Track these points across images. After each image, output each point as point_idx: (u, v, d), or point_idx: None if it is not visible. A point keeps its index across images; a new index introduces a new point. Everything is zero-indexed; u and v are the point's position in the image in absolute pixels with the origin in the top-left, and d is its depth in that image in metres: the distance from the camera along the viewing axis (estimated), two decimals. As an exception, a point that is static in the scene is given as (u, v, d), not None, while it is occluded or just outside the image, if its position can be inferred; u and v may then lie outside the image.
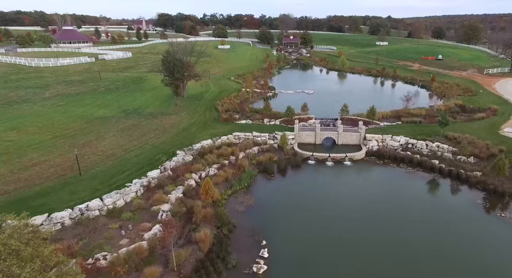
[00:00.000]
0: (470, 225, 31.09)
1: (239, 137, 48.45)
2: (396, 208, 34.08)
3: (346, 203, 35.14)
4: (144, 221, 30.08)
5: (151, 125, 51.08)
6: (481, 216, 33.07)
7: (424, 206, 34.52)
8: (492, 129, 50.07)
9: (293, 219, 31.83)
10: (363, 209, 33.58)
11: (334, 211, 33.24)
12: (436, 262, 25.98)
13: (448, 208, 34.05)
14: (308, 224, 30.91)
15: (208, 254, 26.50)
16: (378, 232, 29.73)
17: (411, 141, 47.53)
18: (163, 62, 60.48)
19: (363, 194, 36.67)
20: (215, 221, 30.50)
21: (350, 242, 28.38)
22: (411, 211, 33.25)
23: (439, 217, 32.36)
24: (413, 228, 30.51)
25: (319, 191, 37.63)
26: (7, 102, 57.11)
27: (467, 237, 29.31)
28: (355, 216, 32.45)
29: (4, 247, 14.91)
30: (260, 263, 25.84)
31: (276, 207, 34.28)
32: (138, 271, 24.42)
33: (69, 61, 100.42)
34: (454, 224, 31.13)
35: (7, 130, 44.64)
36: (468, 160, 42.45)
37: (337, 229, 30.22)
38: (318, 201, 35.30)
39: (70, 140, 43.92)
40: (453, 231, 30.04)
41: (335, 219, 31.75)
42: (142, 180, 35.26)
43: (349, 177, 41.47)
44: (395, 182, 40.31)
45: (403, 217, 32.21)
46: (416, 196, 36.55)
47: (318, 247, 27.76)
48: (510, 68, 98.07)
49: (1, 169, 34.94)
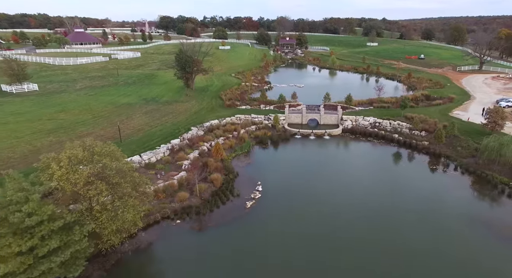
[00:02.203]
0: (419, 178, 41.92)
1: (240, 118, 60.00)
2: (362, 166, 45.74)
3: (323, 162, 46.70)
4: (172, 171, 41.54)
5: (168, 109, 62.62)
6: (426, 171, 44.22)
7: (385, 166, 45.65)
8: (444, 112, 61.84)
9: (280, 171, 43.43)
10: (334, 166, 45.27)
11: (313, 166, 44.84)
12: (389, 199, 37.58)
13: (404, 168, 45.45)
14: (291, 174, 42.49)
15: (219, 188, 37.98)
16: (343, 181, 41.35)
17: (378, 120, 59.15)
18: (176, 59, 71.97)
19: (337, 157, 48.35)
20: (224, 170, 41.95)
21: (320, 178, 39.96)
22: (375, 170, 44.34)
23: (397, 174, 43.52)
24: (374, 180, 41.90)
25: (302, 155, 49.24)
26: (49, 92, 68.72)
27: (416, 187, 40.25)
28: (327, 168, 44.13)
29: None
30: (256, 193, 37.33)
31: (269, 164, 45.91)
32: (172, 196, 35.90)
33: (87, 60, 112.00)
34: (408, 178, 41.93)
35: (57, 112, 56.17)
36: (420, 133, 54.06)
37: (312, 175, 41.77)
38: (301, 161, 46.92)
39: (106, 119, 55.40)
40: (407, 183, 40.82)
41: (312, 170, 43.36)
42: (167, 145, 46.73)
43: (326, 146, 52.94)
44: (363, 150, 51.78)
45: (366, 173, 43.66)
46: (380, 160, 47.85)
47: (296, 185, 39.27)
48: (479, 66, 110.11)
49: (63, 137, 46.39)
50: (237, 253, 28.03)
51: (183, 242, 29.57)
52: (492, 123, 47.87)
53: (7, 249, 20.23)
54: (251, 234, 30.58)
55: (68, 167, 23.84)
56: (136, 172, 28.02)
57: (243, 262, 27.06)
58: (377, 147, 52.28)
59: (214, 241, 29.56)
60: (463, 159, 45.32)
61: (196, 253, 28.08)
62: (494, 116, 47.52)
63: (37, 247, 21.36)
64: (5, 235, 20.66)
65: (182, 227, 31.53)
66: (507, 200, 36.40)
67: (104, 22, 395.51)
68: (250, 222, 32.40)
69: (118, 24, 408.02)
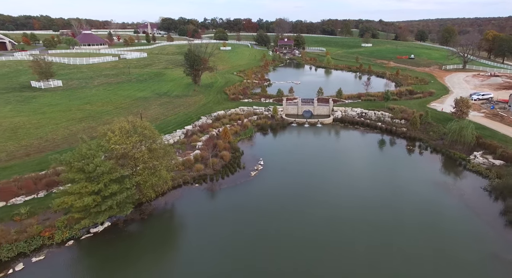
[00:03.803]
0: (397, 156, 50.17)
1: (243, 109, 68.21)
2: (348, 147, 53.99)
3: (315, 144, 54.93)
4: (188, 150, 49.70)
5: (179, 102, 70.80)
6: (403, 151, 52.36)
7: (369, 147, 53.77)
8: (423, 104, 70.22)
9: (279, 151, 51.69)
10: (325, 147, 53.54)
11: (306, 147, 53.10)
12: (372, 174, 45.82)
13: (384, 149, 53.61)
14: (287, 153, 50.74)
15: (228, 162, 46.12)
16: (331, 157, 49.56)
17: (365, 111, 67.44)
18: (185, 58, 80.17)
19: (327, 141, 56.56)
20: (231, 149, 50.09)
21: (312, 155, 48.19)
22: (359, 150, 52.76)
23: (378, 153, 51.65)
24: (357, 156, 50.30)
25: (297, 139, 57.46)
26: (72, 88, 76.89)
27: (393, 163, 48.60)
28: (318, 149, 52.37)
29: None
30: (258, 166, 45.52)
31: (269, 146, 54.16)
32: (190, 168, 44.02)
33: (98, 60, 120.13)
34: (387, 156, 50.44)
35: (84, 104, 64.36)
36: (400, 122, 62.33)
37: (305, 154, 50.00)
38: (296, 144, 55.21)
39: (126, 109, 63.52)
40: (386, 160, 49.26)
41: (306, 150, 51.61)
42: (182, 130, 54.92)
43: (319, 132, 61.07)
44: (350, 135, 59.89)
45: (351, 152, 52.01)
46: (364, 143, 56.06)
47: (291, 161, 47.49)
48: (463, 65, 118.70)
49: (92, 123, 54.54)
50: (243, 208, 36.01)
51: (200, 200, 37.65)
52: (459, 112, 56.04)
53: (85, 189, 28.37)
54: (254, 194, 38.69)
55: (120, 135, 32.02)
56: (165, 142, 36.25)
57: (248, 214, 34.94)
58: (362, 133, 60.51)
59: (224, 199, 37.67)
60: (433, 141, 53.64)
61: (210, 207, 36.17)
62: (460, 106, 55.70)
63: (102, 190, 29.51)
64: (82, 180, 28.80)
65: (199, 189, 39.69)
66: (463, 169, 44.72)
67: (106, 23, 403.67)
68: (254, 186, 40.54)
69: (119, 26, 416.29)
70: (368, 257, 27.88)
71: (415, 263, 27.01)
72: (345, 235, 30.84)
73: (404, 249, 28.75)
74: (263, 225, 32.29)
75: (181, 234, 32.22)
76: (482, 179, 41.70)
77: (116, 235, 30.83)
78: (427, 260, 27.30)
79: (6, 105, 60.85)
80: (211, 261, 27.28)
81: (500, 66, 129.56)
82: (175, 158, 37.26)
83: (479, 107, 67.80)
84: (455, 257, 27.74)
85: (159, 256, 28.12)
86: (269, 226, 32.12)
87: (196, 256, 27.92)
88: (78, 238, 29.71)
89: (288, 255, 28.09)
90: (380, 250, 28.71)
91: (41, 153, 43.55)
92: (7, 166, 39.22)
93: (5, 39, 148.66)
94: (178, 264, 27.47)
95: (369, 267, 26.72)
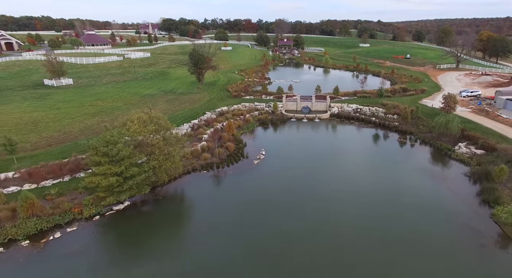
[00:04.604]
0: (390, 149, 54.24)
1: (245, 106, 72.25)
2: (344, 140, 58.10)
3: (312, 137, 59.03)
4: (195, 142, 53.72)
5: (184, 99, 74.83)
6: (395, 143, 56.50)
7: (363, 140, 57.97)
8: (415, 100, 74.36)
9: (279, 143, 55.80)
10: (322, 139, 57.64)
11: (304, 140, 57.20)
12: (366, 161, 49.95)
13: (379, 143, 57.62)
14: (287, 144, 54.86)
15: (233, 152, 50.14)
16: (327, 148, 53.68)
17: (360, 107, 71.54)
18: (190, 56, 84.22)
19: (324, 134, 60.65)
20: (235, 141, 54.15)
21: (310, 147, 52.27)
22: (355, 144, 56.84)
23: (371, 145, 55.79)
24: (352, 147, 54.41)
25: (296, 133, 61.53)
26: (82, 86, 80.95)
27: (385, 153, 52.97)
28: (316, 141, 56.47)
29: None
30: (260, 155, 49.57)
31: (270, 138, 58.25)
32: (198, 158, 48.03)
33: (104, 59, 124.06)
34: (382, 150, 54.52)
35: (95, 100, 68.40)
36: (392, 117, 66.43)
37: (304, 145, 54.09)
38: (295, 137, 59.30)
39: (135, 105, 67.42)
40: (379, 151, 53.68)
41: (304, 142, 55.70)
42: (189, 124, 58.97)
43: (316, 127, 65.12)
44: (346, 129, 63.98)
45: (347, 144, 56.15)
46: (359, 136, 60.19)
47: (291, 151, 51.58)
48: (456, 64, 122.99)
49: (105, 118, 58.56)
50: (246, 192, 39.92)
51: (207, 185, 41.63)
52: (447, 107, 60.07)
53: (109, 171, 32.41)
54: (257, 179, 42.71)
55: (138, 124, 36.07)
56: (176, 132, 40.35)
57: (250, 197, 38.89)
58: (357, 127, 64.60)
59: (230, 184, 41.70)
60: (423, 134, 57.74)
61: (216, 191, 40.26)
62: (448, 101, 59.75)
63: (124, 172, 33.54)
64: (106, 163, 32.83)
65: (207, 175, 43.72)
66: (448, 158, 48.83)
67: (107, 24, 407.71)
68: (256, 172, 44.58)
69: (119, 26, 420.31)
70: (360, 228, 31.96)
71: (400, 234, 31.09)
72: (340, 209, 34.90)
73: (392, 222, 32.84)
74: (265, 206, 36.31)
75: (191, 213, 36.21)
76: (464, 166, 45.81)
77: (134, 212, 34.87)
78: (410, 231, 31.40)
79: (24, 102, 64.88)
80: (218, 236, 31.16)
81: (493, 66, 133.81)
82: (186, 146, 41.33)
83: (467, 103, 71.94)
84: (435, 229, 31.82)
85: (171, 231, 32.16)
86: (271, 206, 36.15)
87: (204, 232, 31.70)
88: (103, 214, 33.76)
89: (287, 228, 32.17)
90: (369, 220, 32.80)
91: (61, 143, 47.58)
92: (33, 154, 43.23)
93: (12, 39, 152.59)
94: (187, 239, 31.33)
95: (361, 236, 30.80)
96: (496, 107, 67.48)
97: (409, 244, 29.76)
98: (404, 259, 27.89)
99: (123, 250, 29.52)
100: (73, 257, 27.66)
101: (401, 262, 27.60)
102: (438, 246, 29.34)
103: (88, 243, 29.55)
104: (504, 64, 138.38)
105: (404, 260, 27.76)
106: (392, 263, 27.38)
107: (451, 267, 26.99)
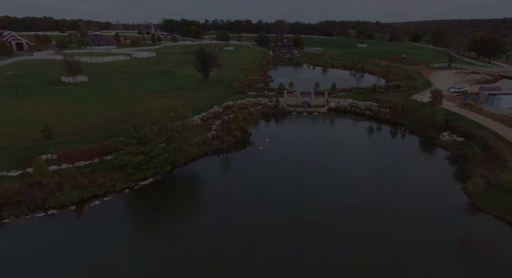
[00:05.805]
0: (383, 139, 60.16)
1: (249, 100, 77.91)
2: (340, 130, 63.85)
3: (311, 128, 64.75)
4: (205, 131, 59.35)
5: (192, 94, 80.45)
6: (387, 133, 62.27)
7: (358, 131, 63.73)
8: (407, 96, 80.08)
9: (281, 132, 61.55)
10: (320, 130, 63.38)
11: (304, 130, 62.93)
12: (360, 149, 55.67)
13: (372, 133, 63.36)
14: (288, 134, 60.61)
15: (240, 140, 55.79)
16: (325, 137, 59.41)
17: (355, 101, 77.28)
18: (197, 55, 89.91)
19: (322, 126, 66.39)
20: (241, 131, 59.82)
21: (309, 136, 57.96)
22: (350, 134, 62.53)
23: (366, 135, 61.60)
24: (350, 141, 60.13)
25: (297, 125, 67.26)
26: (96, 82, 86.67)
27: (378, 142, 58.80)
28: (314, 131, 62.21)
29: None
30: (265, 142, 55.25)
31: (272, 129, 63.98)
32: (208, 145, 53.64)
33: (112, 58, 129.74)
34: (375, 139, 60.32)
35: (111, 95, 74.05)
36: (385, 110, 72.15)
37: (303, 135, 59.82)
38: (296, 128, 65.03)
39: (149, 100, 72.92)
40: (372, 140, 59.43)
41: (304, 132, 61.45)
42: (199, 116, 64.63)
43: (315, 119, 70.80)
44: (342, 122, 69.70)
45: (345, 136, 61.85)
46: (354, 127, 65.91)
47: (292, 139, 57.29)
48: (448, 63, 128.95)
49: (121, 110, 64.18)
50: (253, 173, 45.44)
51: (217, 166, 47.31)
52: (434, 100, 65.81)
53: (137, 150, 38.06)
54: (262, 163, 48.32)
55: (160, 111, 41.76)
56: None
57: (256, 178, 44.32)
58: (353, 120, 70.32)
59: (238, 166, 47.37)
60: (412, 125, 63.42)
61: (226, 172, 45.97)
62: (435, 96, 65.48)
63: (149, 152, 39.19)
64: (134, 144, 38.48)
65: (217, 159, 49.40)
66: (433, 145, 54.57)
67: (109, 25, 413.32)
68: (262, 157, 50.24)
69: (120, 27, 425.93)
70: (358, 201, 37.69)
71: (391, 200, 36.80)
72: (336, 185, 40.60)
73: (385, 194, 38.56)
74: (270, 185, 41.87)
75: (204, 190, 41.74)
76: (446, 152, 51.53)
77: (157, 187, 40.50)
78: (396, 204, 37.10)
79: (47, 96, 70.52)
80: (229, 210, 36.43)
81: (484, 65, 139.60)
82: (200, 132, 47.00)
83: (454, 98, 77.68)
84: (418, 199, 37.54)
85: (188, 205, 37.66)
86: (275, 185, 41.78)
87: (216, 207, 36.76)
88: (132, 188, 39.44)
89: (289, 203, 37.83)
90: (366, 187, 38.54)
91: (87, 132, 53.18)
92: (64, 140, 48.81)
93: (22, 40, 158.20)
94: (202, 212, 36.28)
95: (357, 209, 36.51)
96: (479, 101, 73.24)
97: (397, 206, 35.70)
98: (391, 217, 33.68)
99: (148, 215, 35.16)
100: (111, 218, 33.35)
101: (388, 219, 33.40)
102: (419, 209, 35.25)
103: (122, 208, 35.22)
104: (496, 64, 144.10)
105: (390, 218, 33.51)
106: (382, 219, 33.16)
107: (428, 225, 32.74)
